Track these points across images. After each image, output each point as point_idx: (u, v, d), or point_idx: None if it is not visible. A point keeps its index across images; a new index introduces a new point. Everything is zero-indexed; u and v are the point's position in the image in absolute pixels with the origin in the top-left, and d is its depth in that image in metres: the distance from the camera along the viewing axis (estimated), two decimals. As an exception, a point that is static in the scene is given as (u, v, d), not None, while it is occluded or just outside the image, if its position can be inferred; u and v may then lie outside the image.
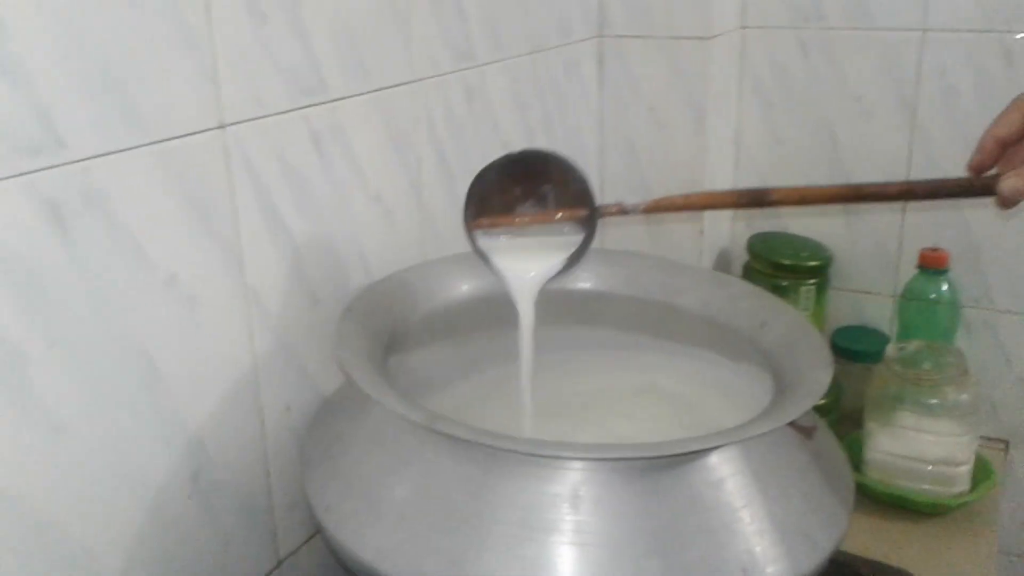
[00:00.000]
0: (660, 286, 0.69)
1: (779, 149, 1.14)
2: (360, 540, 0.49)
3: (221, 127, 0.53)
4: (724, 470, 0.49)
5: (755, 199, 0.59)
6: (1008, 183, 0.54)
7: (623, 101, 1.04)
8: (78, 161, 0.45)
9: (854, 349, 1.09)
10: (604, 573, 0.46)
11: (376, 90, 0.65)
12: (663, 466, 0.48)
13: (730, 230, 1.18)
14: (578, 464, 0.46)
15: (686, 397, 0.68)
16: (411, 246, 0.71)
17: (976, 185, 0.56)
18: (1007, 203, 0.55)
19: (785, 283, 1.09)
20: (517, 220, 0.60)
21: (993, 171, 0.57)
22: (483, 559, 0.46)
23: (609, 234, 1.00)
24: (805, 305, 1.09)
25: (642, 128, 1.04)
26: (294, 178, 0.59)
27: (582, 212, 0.59)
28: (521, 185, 0.59)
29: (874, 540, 0.92)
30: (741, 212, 1.18)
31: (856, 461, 1.01)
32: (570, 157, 0.58)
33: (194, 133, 0.51)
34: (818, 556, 0.50)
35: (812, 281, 1.09)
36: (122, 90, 0.47)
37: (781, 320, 0.61)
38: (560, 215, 0.59)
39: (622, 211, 0.59)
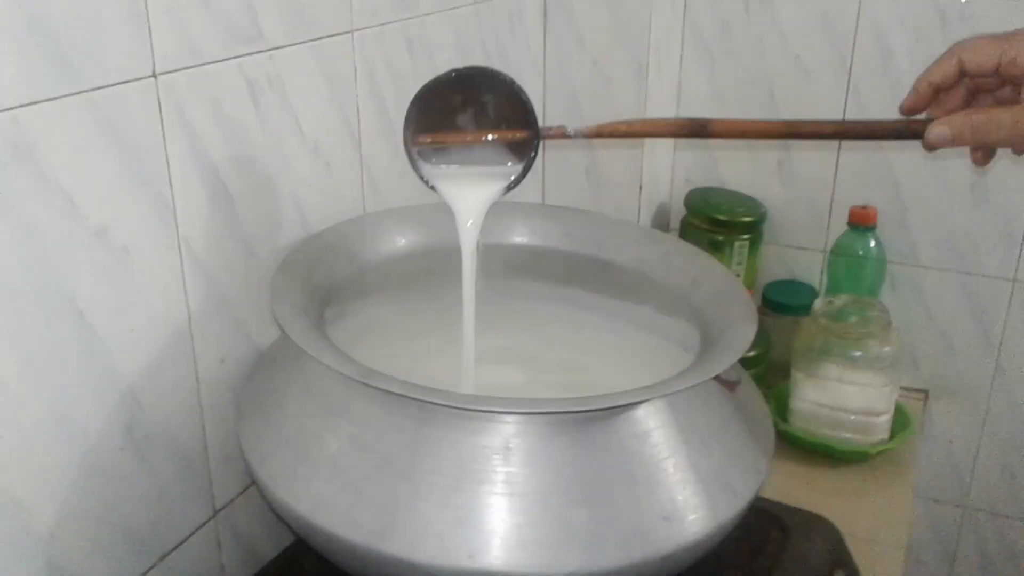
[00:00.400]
0: (596, 242, 0.70)
1: (719, 103, 1.15)
2: (294, 492, 0.50)
3: (154, 76, 0.52)
4: (650, 422, 0.51)
5: (696, 129, 0.60)
6: (936, 131, 0.55)
7: (566, 53, 1.04)
8: (5, 111, 0.44)
9: (784, 302, 1.12)
10: (533, 523, 0.47)
11: (315, 39, 0.64)
12: (592, 419, 0.50)
13: (669, 186, 1.20)
14: (510, 418, 0.48)
15: (619, 349, 0.70)
16: (350, 199, 0.71)
17: (907, 129, 0.57)
18: (932, 148, 0.57)
19: (720, 238, 1.11)
20: (458, 137, 0.59)
21: (924, 115, 0.59)
22: (416, 509, 0.48)
23: (550, 187, 1.01)
24: (739, 259, 1.12)
25: (585, 80, 1.04)
26: (229, 129, 0.58)
27: (524, 134, 0.59)
28: (463, 105, 0.58)
29: (797, 486, 0.96)
30: (680, 167, 1.19)
31: (783, 410, 1.05)
32: (514, 79, 0.58)
33: (126, 82, 0.50)
34: (738, 503, 0.52)
35: (746, 236, 1.11)
36: (51, 37, 0.46)
37: (712, 278, 0.63)
38: (501, 134, 0.59)
39: (564, 135, 0.58)
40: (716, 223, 1.11)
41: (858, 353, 0.98)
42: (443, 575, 0.47)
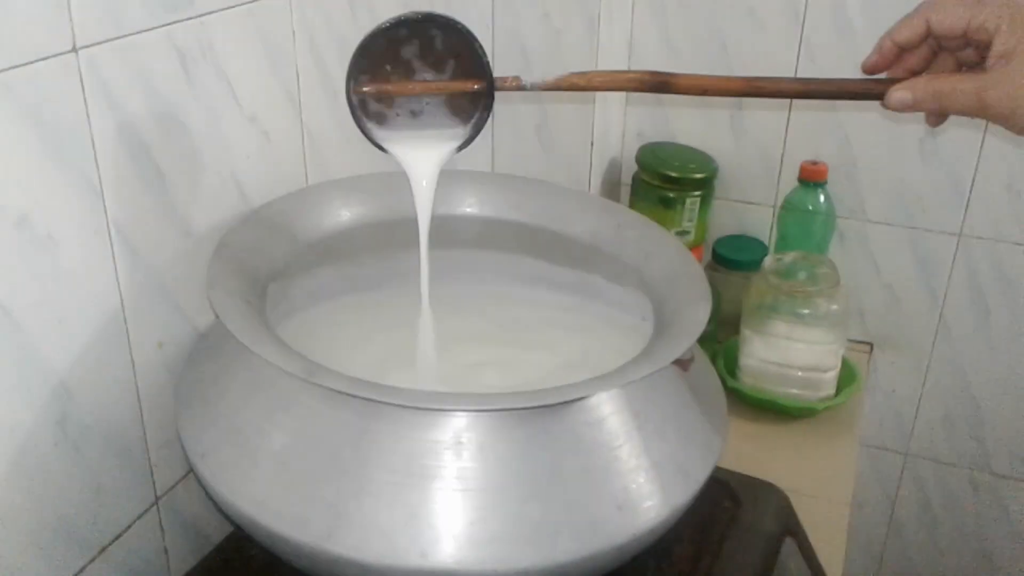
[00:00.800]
0: (547, 212, 0.68)
1: (671, 55, 1.13)
2: (237, 489, 0.49)
3: (74, 50, 0.48)
4: (604, 410, 0.50)
5: (657, 84, 0.58)
6: (897, 95, 0.55)
7: (516, 6, 1.00)
8: (-96, 97, 0.41)
9: (734, 258, 1.12)
10: (485, 519, 0.46)
11: (248, 2, 0.60)
12: (545, 410, 0.48)
13: (620, 140, 1.18)
14: (460, 412, 0.46)
15: (572, 322, 0.68)
16: (291, 170, 0.68)
17: (869, 90, 0.57)
18: (893, 110, 0.56)
19: (672, 194, 1.10)
20: (403, 87, 0.56)
21: (884, 75, 0.58)
22: (366, 507, 0.46)
23: (499, 145, 0.98)
24: (690, 216, 1.11)
25: (535, 34, 1.01)
26: (159, 103, 0.55)
27: (478, 84, 0.56)
28: (412, 57, 0.55)
29: (745, 443, 0.97)
30: (632, 122, 1.17)
31: (731, 367, 1.06)
32: (468, 27, 0.55)
33: (43, 59, 0.47)
34: (692, 486, 0.52)
35: (698, 193, 1.10)
36: (-48, 14, 0.42)
37: (664, 252, 0.62)
38: (453, 84, 0.56)
39: (520, 87, 0.56)
40: (667, 179, 1.10)
41: (806, 311, 0.99)
42: (395, 575, 0.46)
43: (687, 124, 1.16)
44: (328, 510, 0.47)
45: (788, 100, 1.10)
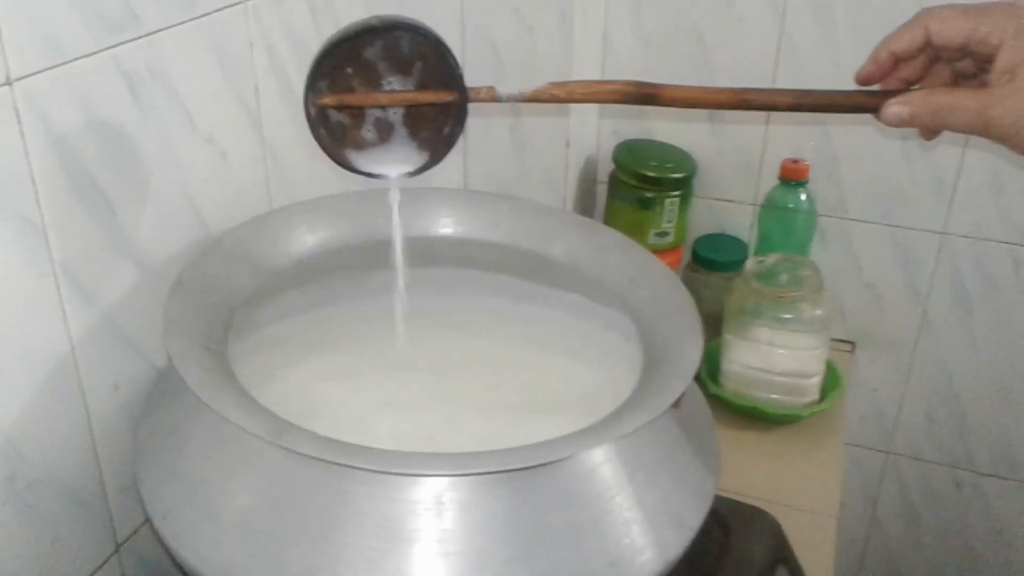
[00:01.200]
0: (526, 232, 0.65)
1: (647, 52, 1.09)
2: (201, 555, 0.45)
3: (8, 83, 0.44)
4: (595, 459, 0.47)
5: (641, 97, 0.52)
6: (893, 110, 0.51)
7: (486, 3, 0.96)
8: None
9: (715, 259, 1.10)
10: (470, 584, 0.43)
11: (199, 16, 0.56)
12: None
13: (596, 138, 1.15)
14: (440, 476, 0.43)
15: (554, 341, 0.65)
16: (252, 190, 0.64)
17: (863, 104, 0.53)
18: (888, 125, 0.53)
19: (650, 195, 1.07)
20: (367, 98, 0.51)
21: (877, 86, 0.55)
22: (340, 575, 0.43)
23: (472, 147, 0.94)
24: (669, 217, 1.08)
25: (506, 29, 0.97)
26: (105, 132, 0.51)
27: (450, 96, 0.51)
28: (376, 58, 0.50)
29: (728, 451, 0.94)
30: (608, 118, 1.14)
31: (713, 371, 1.03)
32: (436, 32, 0.50)
33: (-30, 94, 0.42)
34: (686, 535, 0.49)
35: (677, 193, 1.07)
36: None
37: (650, 278, 0.59)
38: (422, 96, 0.51)
39: (495, 98, 0.52)
40: (645, 179, 1.06)
41: (789, 316, 0.96)
42: (373, 649, 0.43)
43: (665, 121, 1.13)
44: (300, 577, 0.43)
45: (768, 96, 1.07)
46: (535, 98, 0.53)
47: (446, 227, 0.66)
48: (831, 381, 1.01)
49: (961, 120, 0.51)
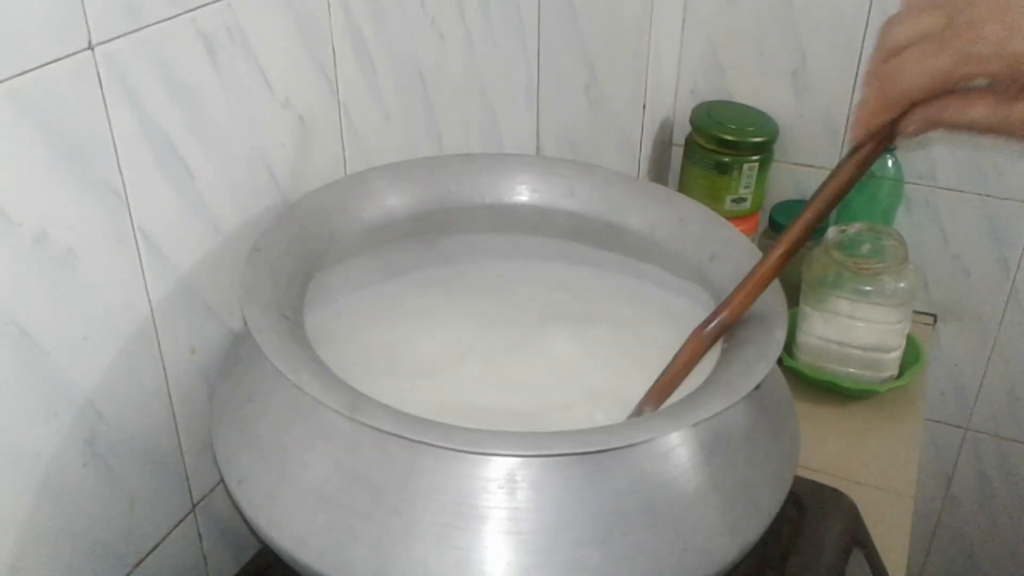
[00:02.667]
0: (602, 202, 0.63)
1: (730, 10, 1.05)
2: (277, 523, 0.45)
3: (90, 47, 0.44)
4: (671, 441, 0.46)
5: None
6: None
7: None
8: (-97, 115, 0.37)
9: (793, 227, 1.06)
10: (541, 564, 0.43)
11: (279, -23, 0.55)
12: (606, 444, 0.44)
13: (672, 98, 1.11)
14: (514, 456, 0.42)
15: (630, 318, 0.64)
16: (329, 154, 0.64)
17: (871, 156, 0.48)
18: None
19: (728, 159, 1.04)
20: None
21: None
22: (413, 550, 0.43)
23: (545, 106, 0.92)
24: (747, 183, 1.05)
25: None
26: (184, 96, 0.50)
27: None
28: None
29: (802, 425, 0.93)
30: (685, 77, 1.11)
31: (788, 343, 1.01)
32: None
33: (56, 60, 0.42)
34: (762, 521, 0.48)
35: (756, 158, 1.04)
36: (-48, 18, 0.38)
37: (732, 253, 0.57)
38: None
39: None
40: (723, 143, 1.03)
41: (870, 288, 0.93)
42: (444, 624, 0.43)
43: (745, 81, 1.09)
44: (373, 552, 0.43)
45: (857, 53, 1.03)
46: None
47: (521, 195, 0.64)
48: (911, 356, 0.98)
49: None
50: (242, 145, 0.56)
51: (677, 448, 0.46)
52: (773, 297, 0.52)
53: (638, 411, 0.51)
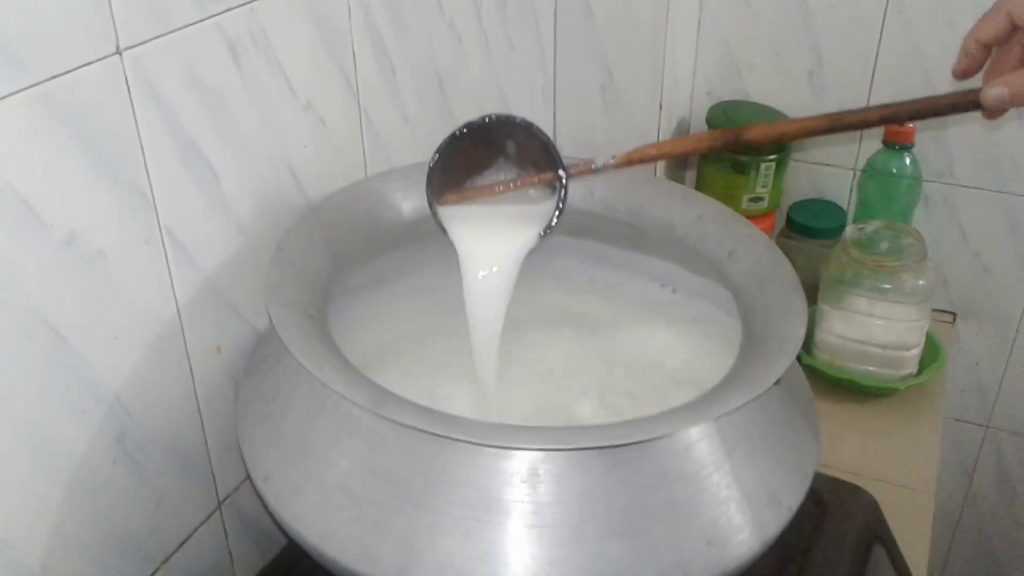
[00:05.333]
0: (621, 201, 0.64)
1: (745, 11, 1.05)
2: (304, 518, 0.46)
3: (118, 52, 0.45)
4: (693, 436, 0.46)
5: (730, 140, 0.54)
6: (993, 92, 0.51)
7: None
8: (-60, 119, 0.38)
9: (811, 225, 1.06)
10: (565, 557, 0.43)
11: (301, -19, 0.56)
12: (628, 439, 0.45)
13: (689, 99, 1.12)
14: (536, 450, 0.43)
15: (650, 315, 0.65)
16: (350, 155, 0.65)
17: (961, 101, 0.53)
18: (993, 115, 0.52)
19: (745, 159, 1.04)
20: (484, 192, 0.56)
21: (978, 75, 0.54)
22: (438, 544, 0.44)
23: (561, 106, 0.93)
24: (764, 182, 1.05)
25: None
26: (210, 99, 0.51)
27: (549, 175, 0.55)
28: (483, 154, 0.55)
29: (822, 424, 0.92)
30: (701, 79, 1.11)
31: (807, 341, 1.01)
32: (532, 121, 0.55)
33: (85, 65, 0.43)
34: (784, 515, 0.49)
35: (773, 157, 1.04)
36: (-13, 24, 0.39)
37: (751, 252, 0.57)
38: (526, 181, 0.56)
39: (591, 170, 0.55)
40: (740, 142, 1.03)
41: (889, 286, 0.93)
42: (469, 617, 0.43)
43: (761, 80, 1.09)
44: (399, 546, 0.44)
45: (873, 53, 1.03)
46: (629, 161, 0.55)
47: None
48: (931, 354, 0.98)
49: None
50: (265, 147, 0.56)
51: (699, 442, 0.46)
52: (792, 292, 0.52)
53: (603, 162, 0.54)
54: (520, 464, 0.44)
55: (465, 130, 0.54)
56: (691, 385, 0.57)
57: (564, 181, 0.55)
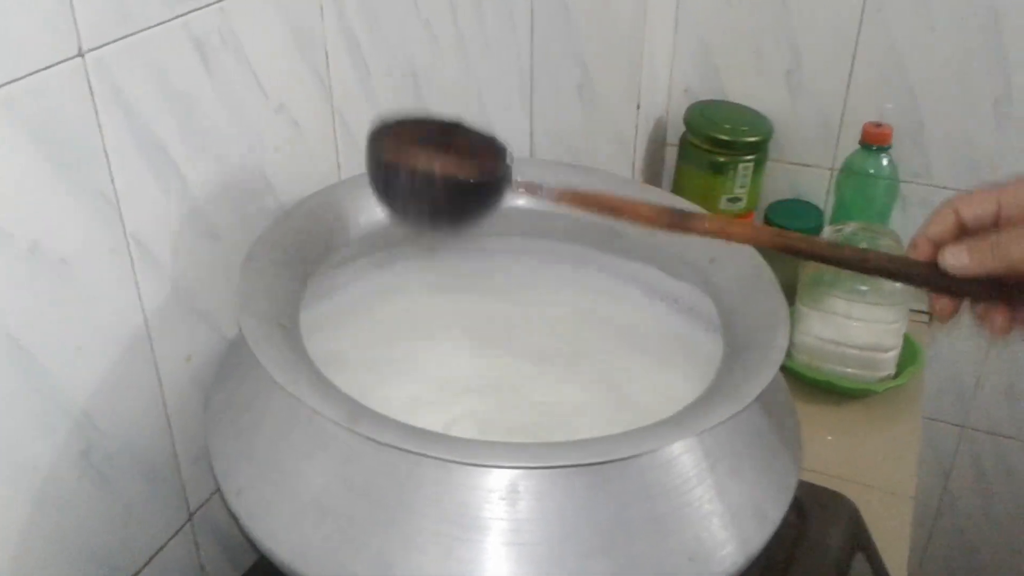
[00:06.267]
0: (601, 204, 0.63)
1: (724, 9, 1.05)
2: (276, 535, 0.45)
3: (80, 54, 0.43)
4: (675, 450, 0.46)
5: (677, 222, 0.49)
6: (951, 251, 0.45)
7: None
8: None
9: (788, 226, 1.06)
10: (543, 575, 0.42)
11: (272, -20, 0.55)
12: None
13: (666, 98, 1.11)
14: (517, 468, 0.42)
15: (627, 322, 0.64)
16: (323, 158, 0.63)
17: (911, 269, 0.48)
18: (945, 311, 0.48)
19: (723, 159, 1.03)
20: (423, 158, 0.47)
21: None
22: (414, 561, 0.42)
23: (539, 107, 0.92)
24: (742, 183, 1.04)
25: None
26: (177, 102, 0.49)
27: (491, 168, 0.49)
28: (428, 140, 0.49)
29: (801, 426, 0.92)
30: (679, 77, 1.10)
31: (786, 343, 1.00)
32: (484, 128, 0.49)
33: (46, 68, 0.42)
34: (767, 528, 0.48)
35: (751, 157, 1.04)
36: (-60, 26, 0.37)
37: (733, 258, 0.56)
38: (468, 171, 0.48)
39: (533, 190, 0.50)
40: (718, 143, 1.03)
41: (866, 288, 0.93)
42: (447, 638, 0.42)
43: (739, 79, 1.08)
44: (374, 563, 0.43)
45: (851, 53, 1.03)
46: (567, 198, 0.50)
47: (518, 198, 0.64)
48: (908, 355, 0.98)
49: None
50: (236, 151, 0.55)
51: (681, 456, 0.46)
52: (774, 301, 0.52)
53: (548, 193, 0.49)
54: (499, 481, 0.43)
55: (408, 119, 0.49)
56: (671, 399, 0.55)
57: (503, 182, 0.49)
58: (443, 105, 0.74)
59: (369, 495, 0.44)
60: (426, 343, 0.58)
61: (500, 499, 0.43)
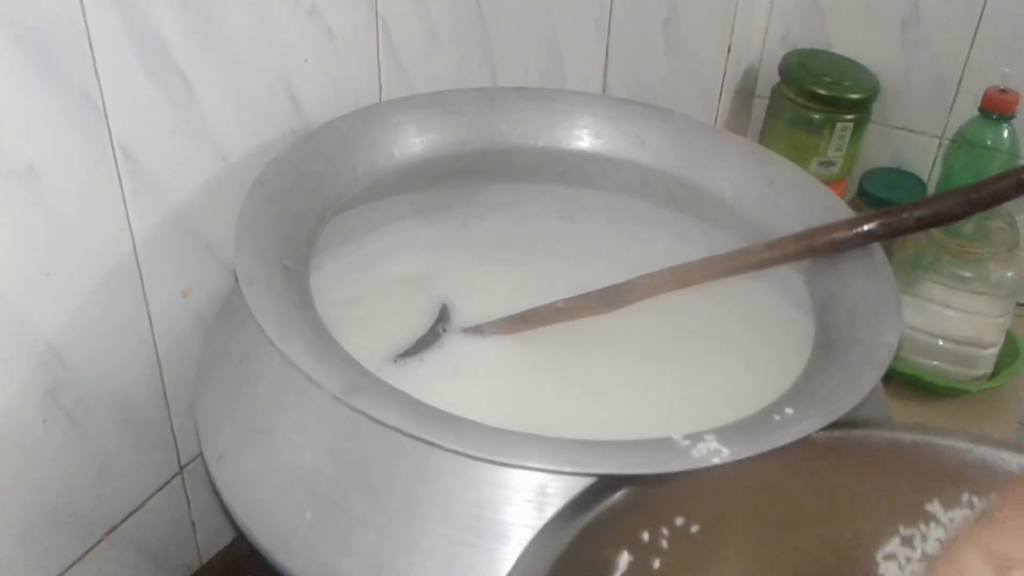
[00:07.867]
0: (678, 154, 0.53)
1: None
2: (256, 513, 0.38)
3: (58, -84, 0.35)
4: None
5: (613, 298, 0.48)
6: None
7: None
8: None
9: (886, 198, 0.95)
10: (572, 601, 0.34)
11: None
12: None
13: (761, 44, 1.00)
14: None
15: (704, 301, 0.54)
16: (362, 75, 0.55)
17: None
18: None
19: (819, 116, 0.92)
20: None
21: None
22: (416, 568, 0.35)
23: (616, 42, 0.82)
24: (838, 145, 0.94)
25: None
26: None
27: None
28: None
29: (877, 422, 0.83)
30: (778, 21, 0.99)
31: (868, 327, 0.90)
32: None
33: (10, -73, 0.34)
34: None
35: (851, 116, 0.92)
36: None
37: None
38: None
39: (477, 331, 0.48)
40: (815, 97, 0.91)
41: (970, 275, 0.82)
42: (446, 664, 0.35)
43: (846, 29, 0.97)
44: (367, 564, 0.36)
45: (980, 8, 0.90)
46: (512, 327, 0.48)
47: (580, 140, 0.55)
48: (1009, 354, 0.87)
49: None
50: (256, 57, 0.47)
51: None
52: (885, 291, 0.42)
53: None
54: (526, 480, 0.35)
55: None
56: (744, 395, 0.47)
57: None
58: (507, 30, 0.65)
59: (368, 482, 0.36)
60: (454, 302, 0.49)
61: (525, 502, 0.35)
